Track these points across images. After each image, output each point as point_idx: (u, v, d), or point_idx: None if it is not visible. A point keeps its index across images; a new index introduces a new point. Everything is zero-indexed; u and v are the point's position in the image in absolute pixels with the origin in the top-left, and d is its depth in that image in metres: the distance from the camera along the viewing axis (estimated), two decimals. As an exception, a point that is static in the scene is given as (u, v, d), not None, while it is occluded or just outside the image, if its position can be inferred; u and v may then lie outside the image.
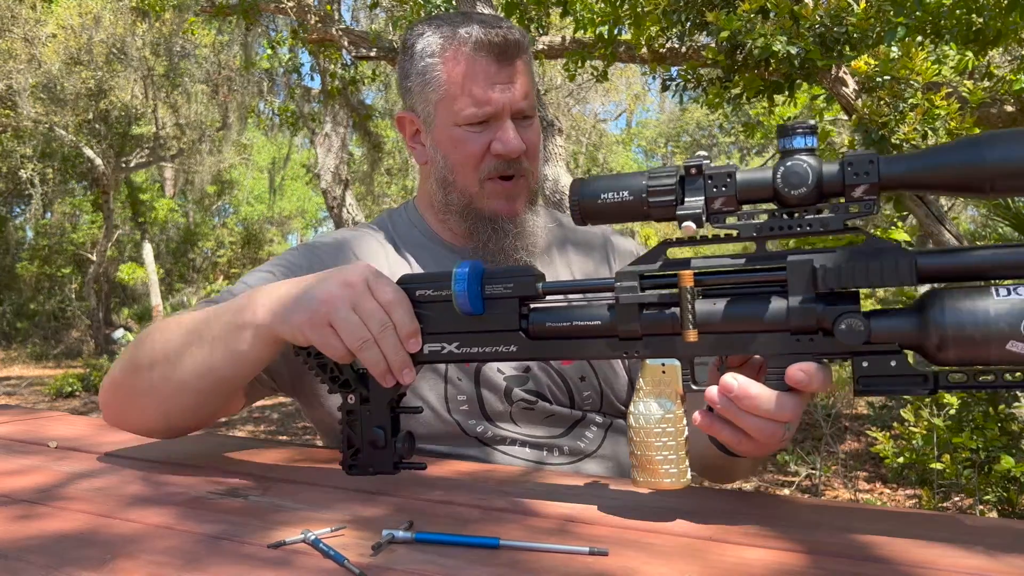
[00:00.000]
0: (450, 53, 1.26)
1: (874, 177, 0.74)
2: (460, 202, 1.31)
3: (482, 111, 1.24)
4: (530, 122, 1.30)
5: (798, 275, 0.78)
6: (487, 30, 1.24)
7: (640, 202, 0.82)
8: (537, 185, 1.36)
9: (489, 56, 1.24)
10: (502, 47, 1.24)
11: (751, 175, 0.79)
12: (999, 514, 3.48)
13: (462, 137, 1.27)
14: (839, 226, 0.77)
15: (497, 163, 1.27)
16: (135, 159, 16.86)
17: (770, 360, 0.81)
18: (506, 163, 1.27)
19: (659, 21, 4.31)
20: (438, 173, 1.32)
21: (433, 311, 0.96)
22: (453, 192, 1.31)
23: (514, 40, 1.25)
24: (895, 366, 0.75)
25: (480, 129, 1.26)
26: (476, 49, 1.24)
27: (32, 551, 0.79)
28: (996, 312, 0.69)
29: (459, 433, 1.26)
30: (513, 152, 1.26)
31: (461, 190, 1.31)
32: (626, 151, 26.14)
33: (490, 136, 1.26)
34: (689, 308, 0.81)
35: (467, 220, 1.32)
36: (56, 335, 18.07)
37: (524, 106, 1.27)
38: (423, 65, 1.28)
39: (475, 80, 1.24)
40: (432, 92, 1.28)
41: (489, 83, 1.24)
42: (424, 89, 1.29)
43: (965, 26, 3.75)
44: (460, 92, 1.25)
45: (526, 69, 1.29)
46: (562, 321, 0.90)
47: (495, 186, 1.29)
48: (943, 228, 3.87)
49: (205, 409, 1.14)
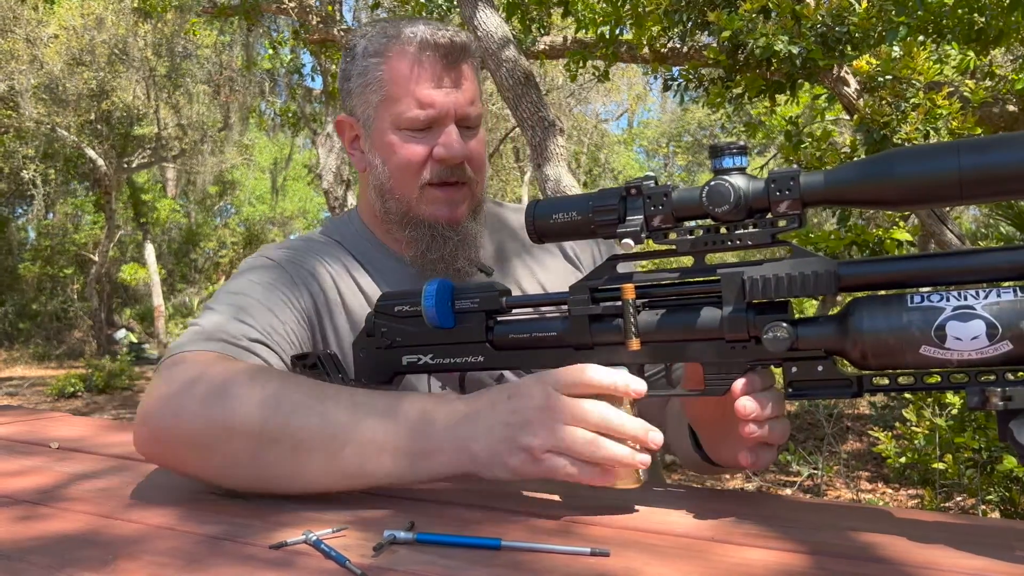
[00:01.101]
0: (394, 53, 1.19)
1: (796, 193, 0.78)
2: (398, 210, 1.25)
3: (426, 113, 1.18)
4: (474, 133, 1.24)
5: (729, 287, 0.82)
6: (433, 31, 1.19)
7: (587, 221, 0.88)
8: (481, 197, 1.29)
9: (435, 56, 1.18)
10: (448, 48, 1.18)
11: (684, 194, 0.84)
12: (1001, 514, 3.47)
13: (403, 141, 1.20)
14: (767, 239, 0.81)
15: (439, 169, 1.21)
16: (137, 159, 16.89)
17: (707, 367, 0.86)
18: (448, 169, 1.21)
19: (660, 21, 4.31)
20: (375, 180, 1.26)
21: (411, 325, 1.02)
22: (391, 199, 1.25)
23: (461, 43, 1.20)
24: (822, 371, 0.79)
25: (422, 134, 1.20)
26: (421, 49, 1.18)
27: (34, 552, 0.79)
28: (908, 319, 0.73)
29: None
30: (456, 157, 1.19)
31: (399, 197, 1.24)
32: (628, 151, 26.15)
33: (432, 141, 1.20)
34: (632, 319, 0.86)
35: (406, 228, 1.25)
36: (58, 335, 18.10)
37: (470, 112, 1.21)
38: (364, 65, 1.22)
39: (419, 81, 1.18)
40: (373, 94, 1.22)
41: (435, 84, 1.18)
42: (365, 91, 1.23)
43: (967, 26, 3.75)
44: (403, 93, 1.19)
45: (473, 76, 1.23)
46: (523, 332, 0.96)
47: (434, 192, 1.22)
48: (945, 228, 3.87)
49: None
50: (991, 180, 0.69)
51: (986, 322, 0.70)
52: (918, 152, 0.72)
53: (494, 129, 14.49)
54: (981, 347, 0.70)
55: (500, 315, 1.00)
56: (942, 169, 0.70)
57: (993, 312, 0.70)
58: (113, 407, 9.60)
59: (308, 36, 7.38)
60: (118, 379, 11.07)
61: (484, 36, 4.31)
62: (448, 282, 1.01)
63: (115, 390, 10.83)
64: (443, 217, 1.23)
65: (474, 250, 1.26)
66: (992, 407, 0.69)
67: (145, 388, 1.20)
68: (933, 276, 0.75)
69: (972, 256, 0.74)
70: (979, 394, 0.70)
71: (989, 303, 0.70)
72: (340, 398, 0.93)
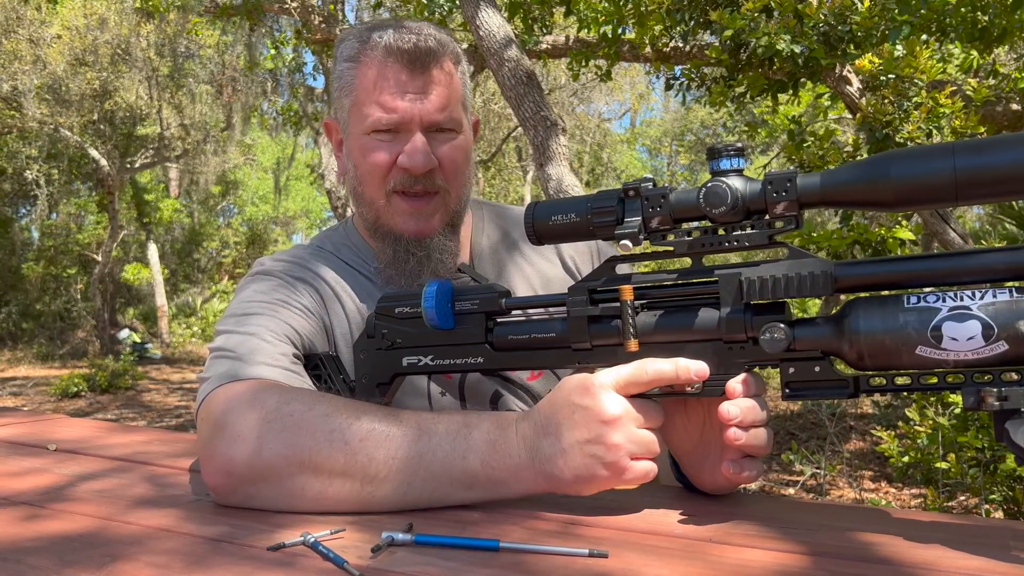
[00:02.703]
0: (364, 58, 1.20)
1: (792, 195, 0.78)
2: (369, 216, 1.24)
3: (388, 118, 1.17)
4: (450, 136, 1.22)
5: (727, 288, 0.82)
6: (399, 35, 1.17)
7: (586, 223, 0.88)
8: (459, 206, 1.26)
9: (399, 62, 1.17)
10: (412, 54, 1.17)
11: (682, 196, 0.84)
12: (1004, 513, 3.47)
13: (370, 146, 1.20)
14: (764, 240, 0.82)
15: (403, 177, 1.19)
16: (140, 160, 16.91)
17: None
18: (413, 178, 1.19)
19: (663, 20, 4.31)
20: (350, 183, 1.26)
21: (411, 326, 1.03)
22: (363, 205, 1.24)
23: (427, 48, 1.17)
24: (819, 372, 0.80)
25: (389, 138, 1.19)
26: (386, 54, 1.17)
27: (34, 553, 0.79)
28: (905, 320, 0.73)
29: None
30: (418, 167, 1.17)
31: (369, 203, 1.23)
32: (630, 150, 26.14)
33: (399, 147, 1.18)
34: (630, 320, 0.86)
35: (375, 236, 1.26)
36: (62, 335, 18.13)
37: (440, 119, 1.19)
38: (340, 69, 1.23)
39: (383, 87, 1.17)
40: (346, 98, 1.22)
41: (399, 91, 1.17)
42: (340, 95, 1.24)
43: (970, 24, 3.74)
44: (368, 98, 1.19)
45: (447, 81, 1.21)
46: (522, 334, 0.97)
47: (401, 202, 1.21)
48: (948, 227, 3.86)
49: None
50: (986, 181, 0.69)
51: (982, 323, 0.70)
52: (913, 154, 0.72)
53: (496, 129, 14.48)
54: (977, 347, 0.70)
55: (499, 316, 1.00)
56: (937, 171, 0.70)
57: (989, 313, 0.70)
58: (116, 407, 9.61)
59: (310, 36, 7.38)
60: (121, 379, 11.07)
61: (486, 36, 4.31)
62: (448, 283, 1.01)
63: (118, 390, 10.84)
64: (409, 230, 1.21)
65: (443, 266, 1.23)
66: (988, 407, 0.69)
67: (148, 388, 1.20)
68: (930, 277, 0.76)
69: (969, 257, 0.74)
70: (975, 394, 0.70)
71: (985, 304, 0.70)
72: (408, 423, 0.92)
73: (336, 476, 0.89)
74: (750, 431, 0.83)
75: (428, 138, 1.18)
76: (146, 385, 11.57)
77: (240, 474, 0.91)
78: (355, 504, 0.90)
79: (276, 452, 0.90)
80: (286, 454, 0.90)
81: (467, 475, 0.89)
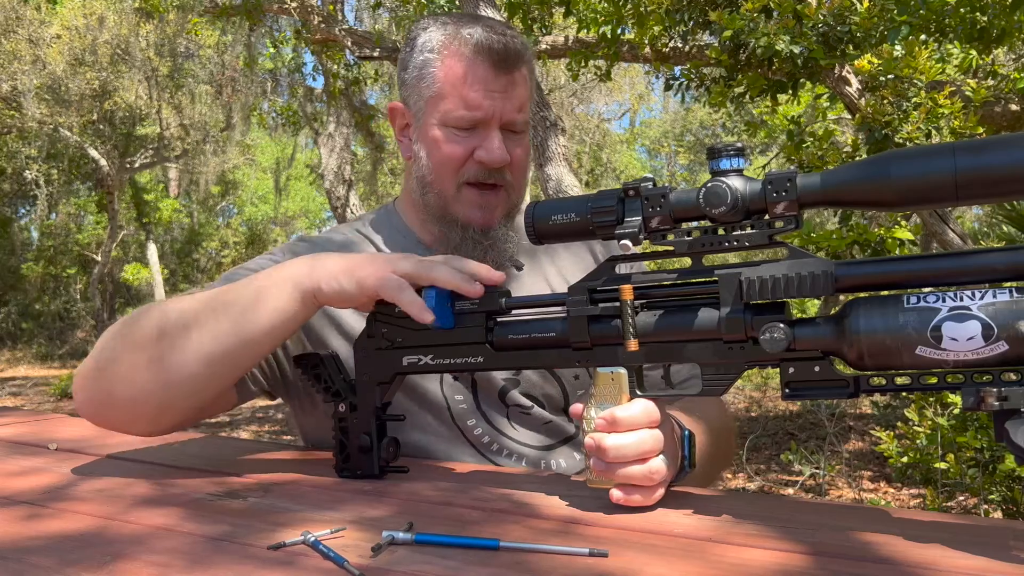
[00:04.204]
0: (449, 52, 1.22)
1: (792, 194, 0.78)
2: (436, 204, 1.28)
3: (471, 115, 1.22)
4: (520, 137, 1.27)
5: (727, 288, 0.82)
6: (489, 34, 1.21)
7: (586, 222, 0.89)
8: (519, 200, 1.32)
9: (488, 61, 1.21)
10: (502, 54, 1.21)
11: (682, 196, 0.84)
12: (1004, 514, 3.47)
13: (447, 137, 1.24)
14: (764, 240, 0.82)
15: (478, 169, 1.24)
16: (139, 160, 16.90)
17: (705, 368, 0.86)
18: (487, 172, 1.24)
19: (662, 20, 4.31)
20: (419, 171, 1.29)
21: (411, 326, 1.02)
22: (430, 192, 1.28)
23: (515, 49, 1.22)
24: (819, 372, 0.80)
25: (466, 133, 1.23)
26: (476, 52, 1.21)
27: (34, 552, 0.79)
28: (905, 320, 0.73)
29: (462, 440, 1.26)
30: (496, 162, 1.23)
31: (438, 192, 1.27)
32: (630, 150, 26.12)
33: (475, 142, 1.23)
34: (630, 320, 0.87)
35: (440, 223, 1.29)
36: (61, 335, 18.13)
37: (517, 119, 1.24)
38: (421, 59, 1.25)
39: (470, 83, 1.21)
40: (426, 88, 1.25)
41: (484, 89, 1.21)
42: (419, 83, 1.26)
43: (969, 25, 3.74)
44: (453, 92, 1.22)
45: (524, 83, 1.26)
46: (522, 333, 0.97)
47: (472, 193, 1.26)
48: (947, 227, 3.87)
49: (207, 391, 1.07)
50: (986, 181, 0.69)
51: (982, 323, 0.70)
52: (914, 153, 0.72)
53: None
54: (977, 348, 0.70)
55: (499, 316, 1.00)
56: (938, 171, 0.70)
57: (989, 313, 0.70)
58: (116, 407, 9.59)
59: (310, 36, 7.38)
60: (121, 379, 11.05)
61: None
62: None
63: (118, 390, 10.82)
64: (476, 221, 1.26)
65: (503, 254, 1.29)
66: (988, 408, 0.69)
67: None
68: (930, 277, 0.76)
69: (969, 257, 0.74)
70: (975, 394, 0.71)
71: (985, 304, 0.70)
72: (209, 291, 1.09)
73: (167, 336, 1.04)
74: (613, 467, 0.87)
75: (503, 136, 1.24)
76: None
77: (81, 373, 1.10)
78: (187, 356, 1.03)
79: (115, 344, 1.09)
80: (128, 339, 1.08)
81: (256, 295, 1.03)
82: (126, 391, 1.06)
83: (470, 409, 1.26)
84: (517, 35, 1.26)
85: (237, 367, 1.07)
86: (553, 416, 1.30)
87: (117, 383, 1.06)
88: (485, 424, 1.27)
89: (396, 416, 1.10)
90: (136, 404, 1.06)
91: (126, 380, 1.05)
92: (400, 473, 1.09)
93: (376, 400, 1.06)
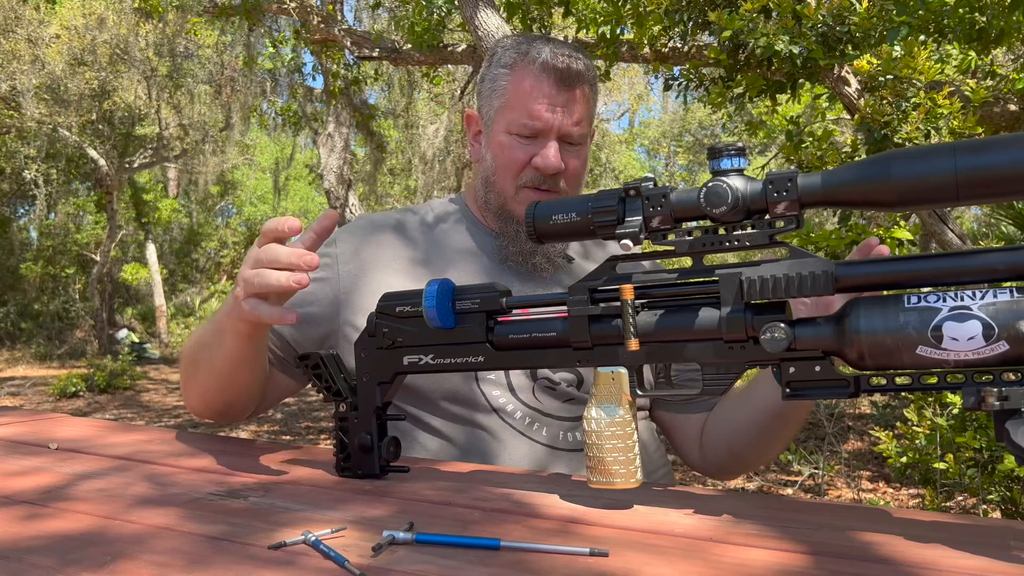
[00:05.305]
0: (519, 68, 1.38)
1: (793, 194, 0.78)
2: (496, 202, 1.43)
3: (532, 124, 1.35)
4: (577, 150, 1.40)
5: (728, 287, 0.82)
6: (555, 55, 1.36)
7: (587, 222, 0.89)
8: None
9: (551, 79, 1.35)
10: (564, 73, 1.35)
11: (683, 195, 0.85)
12: (1003, 514, 3.47)
13: (510, 144, 1.38)
14: (765, 240, 0.82)
15: (535, 175, 1.38)
16: (139, 160, 16.89)
17: (705, 368, 0.86)
18: (542, 177, 1.37)
19: (661, 20, 4.30)
20: (484, 172, 1.44)
21: (411, 325, 1.03)
22: (492, 191, 1.43)
23: (576, 70, 1.36)
24: (819, 371, 0.80)
25: (527, 141, 1.37)
26: (542, 69, 1.36)
27: (34, 552, 0.79)
28: (905, 319, 0.73)
29: (484, 405, 1.33)
30: (550, 168, 1.36)
31: (499, 191, 1.42)
32: (629, 151, 26.11)
33: (535, 150, 1.37)
34: (630, 319, 0.87)
35: (499, 219, 1.44)
36: (60, 335, 18.11)
37: (573, 132, 1.37)
38: (495, 74, 1.42)
39: (534, 97, 1.36)
40: (497, 99, 1.41)
41: (546, 103, 1.35)
42: (491, 95, 1.42)
43: (968, 25, 3.74)
44: (519, 104, 1.37)
45: (585, 100, 1.39)
46: (523, 333, 0.97)
47: (528, 194, 1.39)
48: (946, 227, 3.87)
49: (241, 396, 1.29)
50: (987, 182, 0.69)
51: (982, 323, 0.70)
52: (914, 154, 0.72)
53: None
54: (977, 347, 0.70)
55: (500, 315, 1.00)
56: (938, 171, 0.70)
57: (989, 313, 0.70)
58: (115, 407, 9.60)
59: (309, 36, 7.37)
60: (120, 379, 11.06)
61: (485, 36, 4.31)
62: (449, 282, 1.02)
63: (117, 390, 10.82)
64: None
65: (554, 250, 1.44)
66: (988, 407, 0.69)
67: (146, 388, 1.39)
68: (930, 277, 0.76)
69: (969, 257, 0.74)
70: (975, 394, 0.71)
71: (986, 304, 0.70)
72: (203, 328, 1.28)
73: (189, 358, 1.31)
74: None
75: (560, 146, 1.37)
76: (144, 385, 11.56)
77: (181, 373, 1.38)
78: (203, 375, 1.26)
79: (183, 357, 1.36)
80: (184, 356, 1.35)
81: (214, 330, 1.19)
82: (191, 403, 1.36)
83: (499, 381, 1.34)
84: (582, 58, 1.39)
85: (244, 383, 1.25)
86: (577, 393, 1.37)
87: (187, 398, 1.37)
88: (509, 394, 1.34)
89: (396, 416, 1.11)
90: (204, 410, 1.34)
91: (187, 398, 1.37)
92: (400, 473, 1.09)
93: (377, 400, 1.06)
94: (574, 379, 1.37)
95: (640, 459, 0.90)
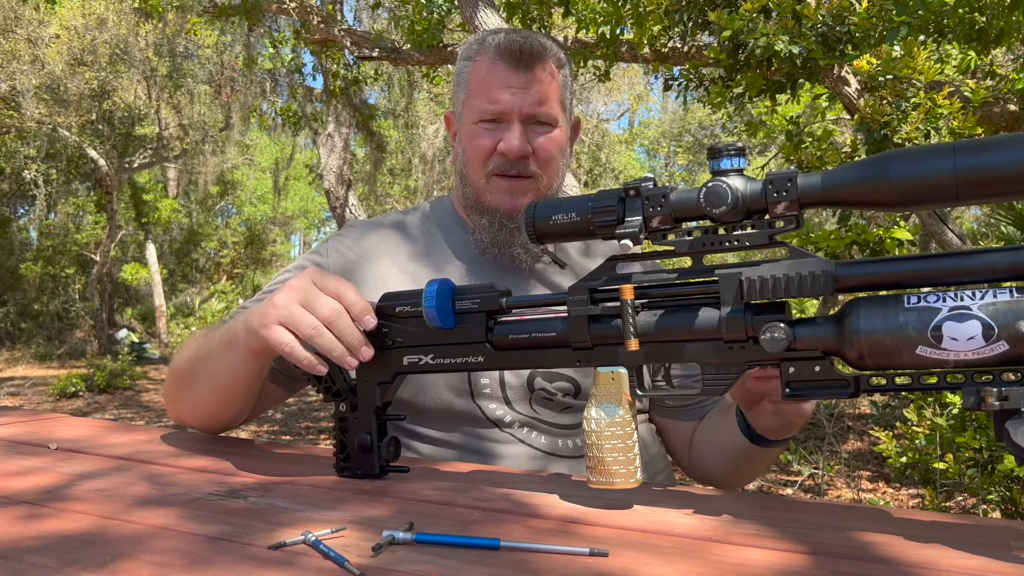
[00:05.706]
0: (478, 57, 1.37)
1: (793, 194, 0.78)
2: (471, 195, 1.41)
3: (492, 108, 1.33)
4: (546, 129, 1.36)
5: (727, 287, 0.82)
6: (509, 38, 1.34)
7: (587, 222, 0.89)
8: (550, 189, 1.40)
9: (506, 61, 1.33)
10: (519, 54, 1.33)
11: (683, 195, 0.84)
12: (1002, 514, 3.47)
13: (476, 133, 1.36)
14: (765, 240, 0.82)
15: (502, 161, 1.35)
16: (138, 160, 16.88)
17: (705, 368, 0.86)
18: (509, 163, 1.34)
19: (661, 20, 4.30)
20: (459, 166, 1.43)
21: (411, 325, 1.03)
22: (468, 185, 1.41)
23: (530, 49, 1.33)
24: (819, 371, 0.80)
25: (492, 127, 1.35)
26: (496, 54, 1.34)
27: (34, 552, 0.79)
28: (905, 319, 0.73)
29: (480, 418, 1.31)
30: (513, 151, 1.33)
31: (472, 183, 1.40)
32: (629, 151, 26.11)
33: (500, 135, 1.34)
34: (630, 319, 0.87)
35: (476, 212, 1.41)
36: (60, 335, 18.10)
37: (538, 112, 1.34)
38: (459, 67, 1.42)
39: (490, 82, 1.34)
40: (462, 92, 1.40)
41: (503, 86, 1.33)
42: (457, 89, 1.42)
43: (968, 25, 3.74)
44: (479, 91, 1.36)
45: (549, 79, 1.36)
46: (522, 333, 0.97)
47: (498, 182, 1.37)
48: (946, 227, 3.87)
49: (233, 408, 1.26)
50: (987, 182, 0.69)
51: (982, 323, 0.70)
52: (914, 154, 0.72)
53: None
54: (977, 347, 0.70)
55: (500, 316, 1.00)
56: (938, 171, 0.70)
57: (989, 313, 0.70)
58: (115, 407, 9.60)
59: (309, 36, 7.37)
60: (120, 379, 11.06)
61: (485, 36, 4.30)
62: (449, 282, 1.02)
63: (116, 390, 10.82)
64: (504, 206, 1.37)
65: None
66: (988, 407, 0.69)
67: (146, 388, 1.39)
68: (930, 277, 0.76)
69: (969, 257, 0.74)
70: (975, 394, 0.71)
71: (985, 304, 0.70)
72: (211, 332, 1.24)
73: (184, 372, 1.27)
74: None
75: (526, 129, 1.34)
76: (144, 385, 11.56)
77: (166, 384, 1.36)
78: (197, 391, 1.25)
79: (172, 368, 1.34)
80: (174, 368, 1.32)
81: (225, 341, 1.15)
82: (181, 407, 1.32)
83: (495, 395, 1.33)
84: (541, 38, 1.37)
85: (242, 397, 1.22)
86: (574, 402, 1.36)
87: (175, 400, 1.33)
88: (506, 407, 1.33)
89: (396, 416, 1.11)
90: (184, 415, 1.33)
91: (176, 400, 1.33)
92: (400, 473, 1.09)
93: (376, 400, 1.06)
94: (571, 388, 1.35)
95: (640, 459, 0.90)
